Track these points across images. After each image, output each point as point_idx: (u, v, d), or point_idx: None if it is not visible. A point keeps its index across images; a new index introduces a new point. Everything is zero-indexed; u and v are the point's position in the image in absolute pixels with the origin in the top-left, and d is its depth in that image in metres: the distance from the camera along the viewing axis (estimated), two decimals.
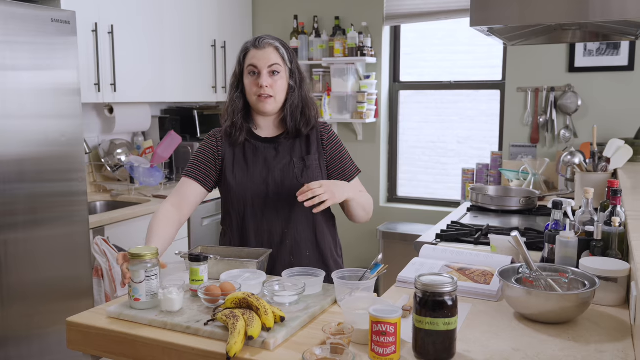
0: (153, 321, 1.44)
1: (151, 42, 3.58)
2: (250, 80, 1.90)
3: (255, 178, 1.91)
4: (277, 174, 1.91)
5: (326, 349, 1.21)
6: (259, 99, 1.88)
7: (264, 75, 1.87)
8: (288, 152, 1.95)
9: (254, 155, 1.94)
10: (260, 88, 1.87)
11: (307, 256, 1.93)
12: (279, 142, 1.96)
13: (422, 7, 4.02)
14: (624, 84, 3.54)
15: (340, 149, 2.03)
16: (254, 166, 1.93)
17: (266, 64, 1.87)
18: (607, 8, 1.84)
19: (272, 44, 1.90)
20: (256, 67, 1.88)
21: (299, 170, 1.92)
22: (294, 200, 1.86)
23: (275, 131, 1.99)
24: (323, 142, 1.99)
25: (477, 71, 4.10)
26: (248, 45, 1.92)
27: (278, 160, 1.93)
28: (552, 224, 1.85)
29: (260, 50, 1.88)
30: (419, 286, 1.24)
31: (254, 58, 1.88)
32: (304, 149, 1.96)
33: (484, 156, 4.05)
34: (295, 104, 1.94)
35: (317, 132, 2.00)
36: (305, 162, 1.94)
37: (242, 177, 1.92)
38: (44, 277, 2.56)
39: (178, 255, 1.75)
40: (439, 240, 2.37)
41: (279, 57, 1.90)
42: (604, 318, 1.49)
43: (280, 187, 1.90)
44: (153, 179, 3.51)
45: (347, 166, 2.03)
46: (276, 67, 1.89)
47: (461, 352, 1.27)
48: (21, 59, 2.41)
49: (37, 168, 2.51)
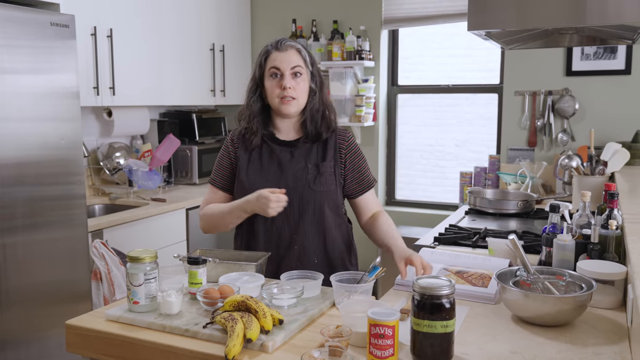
0: (152, 324, 1.44)
1: (150, 46, 3.58)
2: (272, 82, 1.88)
3: (268, 180, 1.90)
4: (290, 178, 1.90)
5: (324, 352, 1.21)
6: (281, 101, 1.87)
7: (287, 77, 1.86)
8: (303, 157, 1.92)
9: (269, 158, 1.93)
10: (284, 90, 1.85)
11: (315, 264, 1.90)
12: (295, 146, 1.94)
13: (420, 11, 4.03)
14: (620, 88, 3.55)
15: (359, 159, 2.00)
16: (268, 168, 1.92)
17: (289, 65, 1.86)
18: (604, 12, 1.85)
19: (294, 46, 1.90)
20: (279, 69, 1.86)
21: (312, 176, 1.90)
22: (305, 206, 1.86)
23: (294, 135, 1.97)
24: (341, 150, 1.96)
25: (475, 75, 4.11)
26: (269, 48, 1.91)
27: (292, 164, 1.91)
28: (550, 227, 1.85)
29: (282, 52, 1.88)
30: (417, 289, 1.24)
31: (276, 60, 1.87)
32: (320, 155, 1.94)
33: (481, 159, 4.06)
34: (316, 108, 1.93)
35: (335, 138, 1.97)
36: (319, 168, 1.91)
37: (255, 179, 1.91)
38: (42, 281, 2.56)
39: (177, 258, 1.75)
40: (437, 244, 2.38)
41: (300, 59, 1.89)
42: (601, 321, 1.49)
43: (292, 193, 1.87)
44: (151, 182, 3.51)
45: (364, 177, 2.00)
46: (298, 69, 1.88)
47: (459, 354, 1.28)
48: (20, 63, 2.42)
49: (35, 171, 2.51)
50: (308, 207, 1.89)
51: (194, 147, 3.97)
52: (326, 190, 1.91)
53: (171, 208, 3.34)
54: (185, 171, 4.00)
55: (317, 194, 1.90)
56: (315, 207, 1.90)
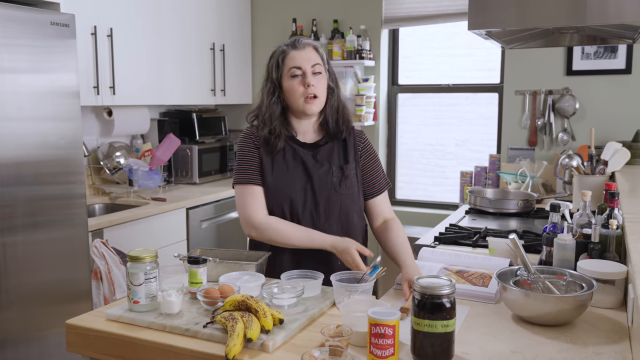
0: (152, 323, 1.44)
1: (150, 45, 3.58)
2: (294, 82, 1.84)
3: (295, 183, 1.87)
4: (316, 181, 1.87)
5: (325, 351, 1.21)
6: (306, 100, 1.84)
7: (309, 75, 1.83)
8: (326, 160, 1.90)
9: (293, 160, 1.89)
10: (308, 88, 1.82)
11: (339, 266, 1.84)
12: (317, 148, 1.91)
13: (420, 10, 4.03)
14: (621, 87, 3.55)
15: (374, 160, 1.99)
16: (294, 171, 1.88)
17: (309, 63, 1.84)
18: (604, 11, 1.85)
19: (311, 44, 1.88)
20: (300, 68, 1.84)
21: (337, 179, 1.89)
22: (331, 209, 1.85)
23: (314, 136, 1.94)
24: (358, 151, 1.95)
25: (476, 74, 4.11)
26: (285, 48, 1.87)
27: (316, 167, 1.89)
28: (550, 226, 1.85)
29: (301, 50, 1.85)
30: (418, 288, 1.24)
31: (296, 59, 1.84)
32: (342, 157, 1.92)
33: (482, 159, 4.06)
34: (335, 106, 1.92)
35: (353, 138, 1.96)
36: (343, 171, 1.90)
37: (281, 182, 1.87)
38: (42, 280, 2.56)
39: (177, 258, 1.75)
40: (437, 243, 2.38)
41: (319, 57, 1.88)
42: (601, 320, 1.49)
43: (319, 196, 1.86)
44: (152, 181, 3.51)
45: (376, 179, 1.98)
46: (318, 67, 1.86)
47: (459, 354, 1.28)
48: (20, 62, 2.42)
49: (35, 171, 2.51)
50: (334, 211, 1.88)
51: (194, 146, 3.97)
52: (351, 193, 1.91)
53: (171, 207, 3.34)
54: (186, 170, 4.00)
55: (343, 197, 1.89)
56: (341, 211, 1.90)
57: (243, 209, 1.88)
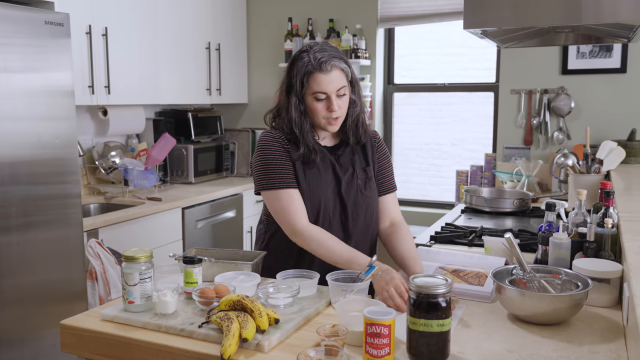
0: (147, 324, 1.44)
1: (145, 44, 3.57)
2: (317, 105, 1.80)
3: (328, 187, 1.86)
4: (344, 185, 1.87)
5: (320, 351, 1.21)
6: (328, 121, 1.82)
7: (334, 99, 1.79)
8: (349, 163, 1.90)
9: (322, 162, 1.87)
10: (331, 112, 1.79)
11: None
12: (338, 152, 1.91)
13: (416, 9, 4.03)
14: (616, 86, 3.56)
15: (387, 162, 2.00)
16: (325, 173, 1.87)
17: (335, 88, 1.78)
18: (599, 11, 1.85)
19: (338, 65, 1.79)
20: (325, 93, 1.78)
21: (362, 181, 1.90)
22: (357, 212, 1.86)
23: (332, 140, 1.94)
24: (375, 151, 1.96)
25: (471, 73, 4.11)
26: (311, 69, 1.77)
27: (342, 170, 1.89)
28: (546, 225, 1.86)
29: (327, 74, 1.77)
30: (413, 288, 1.24)
31: (322, 84, 1.77)
32: (363, 160, 1.93)
33: (477, 158, 4.06)
34: (356, 117, 1.89)
35: (370, 141, 1.96)
36: (367, 173, 1.91)
37: (314, 185, 1.84)
38: (37, 280, 2.55)
39: (172, 258, 1.75)
40: (433, 242, 2.38)
41: (344, 79, 1.81)
42: (596, 319, 1.50)
43: (346, 199, 1.87)
44: (147, 181, 3.50)
45: (387, 179, 1.99)
46: (343, 90, 1.81)
47: (455, 353, 1.28)
48: (14, 61, 2.41)
49: (30, 170, 2.50)
50: (360, 212, 1.89)
51: (190, 146, 3.97)
52: (374, 195, 1.93)
53: (167, 207, 3.33)
54: (181, 170, 4.00)
55: (368, 199, 1.91)
56: (367, 213, 1.91)
57: (285, 215, 1.81)
